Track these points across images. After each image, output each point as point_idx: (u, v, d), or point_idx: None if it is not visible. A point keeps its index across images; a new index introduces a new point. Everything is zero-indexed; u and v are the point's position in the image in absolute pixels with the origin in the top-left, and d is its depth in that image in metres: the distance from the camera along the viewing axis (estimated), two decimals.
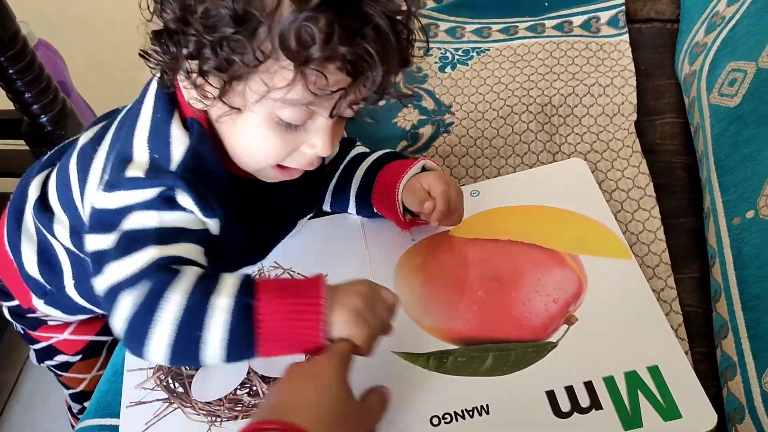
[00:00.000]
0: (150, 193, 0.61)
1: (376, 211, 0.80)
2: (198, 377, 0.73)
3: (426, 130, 0.93)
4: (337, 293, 0.59)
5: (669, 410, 0.64)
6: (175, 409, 0.71)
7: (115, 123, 0.70)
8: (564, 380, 0.67)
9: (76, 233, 0.73)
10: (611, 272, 0.74)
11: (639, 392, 0.65)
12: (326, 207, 0.84)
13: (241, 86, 0.58)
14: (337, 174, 0.82)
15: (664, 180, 0.84)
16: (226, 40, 0.55)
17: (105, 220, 0.62)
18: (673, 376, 0.66)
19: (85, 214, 0.69)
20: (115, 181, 0.63)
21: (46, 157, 0.82)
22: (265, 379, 0.71)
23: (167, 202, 0.62)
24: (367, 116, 0.68)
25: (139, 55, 0.61)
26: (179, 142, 0.63)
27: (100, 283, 0.59)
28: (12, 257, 0.80)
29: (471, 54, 1.01)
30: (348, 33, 0.55)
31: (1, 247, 0.82)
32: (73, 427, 0.77)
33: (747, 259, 0.69)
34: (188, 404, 0.71)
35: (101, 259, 0.60)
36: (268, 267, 0.80)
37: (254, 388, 0.71)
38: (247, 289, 0.58)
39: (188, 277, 0.58)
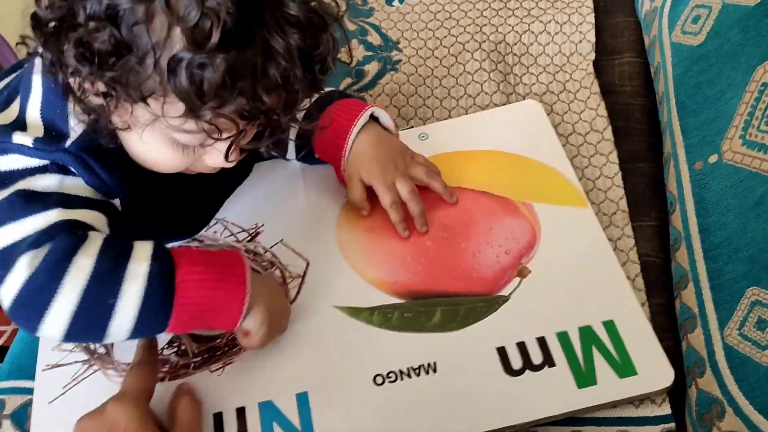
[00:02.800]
0: (42, 162, 0.56)
1: (317, 157, 0.74)
2: None
3: (372, 67, 0.87)
4: (258, 282, 0.57)
5: (624, 367, 0.61)
6: (96, 371, 0.65)
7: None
8: (516, 336, 0.63)
9: None
10: (566, 221, 0.70)
11: (594, 348, 0.62)
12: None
13: (128, 107, 0.51)
14: None
15: (622, 123, 0.79)
16: (108, 68, 0.48)
17: None
18: (629, 331, 0.63)
19: None
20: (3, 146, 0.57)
21: None
22: (195, 338, 0.65)
23: (64, 170, 0.56)
24: None
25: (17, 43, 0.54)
26: (76, 122, 0.57)
27: None
28: None
29: None
30: (246, 81, 0.49)
31: None
32: None
33: (709, 206, 0.65)
34: (110, 366, 0.65)
35: None
36: None
37: (182, 347, 0.65)
38: (165, 255, 0.54)
39: (97, 241, 0.53)
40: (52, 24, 0.50)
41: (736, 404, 0.56)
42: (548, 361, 0.61)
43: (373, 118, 0.72)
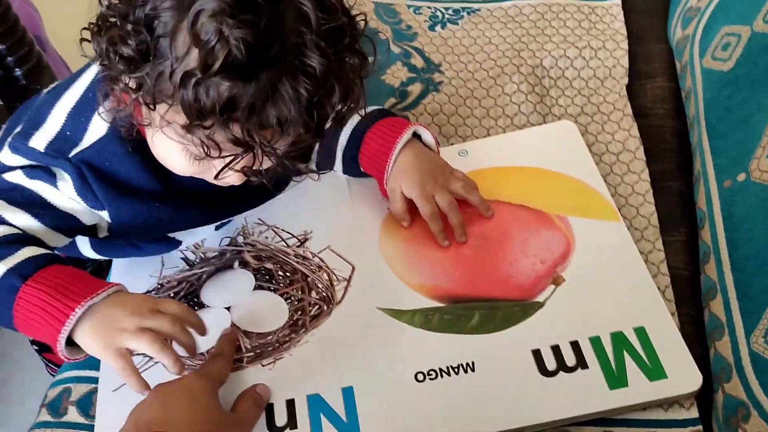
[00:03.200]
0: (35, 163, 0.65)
1: (363, 171, 0.78)
2: None
3: (415, 88, 0.91)
4: (102, 307, 0.59)
5: (654, 371, 0.64)
6: (155, 363, 0.69)
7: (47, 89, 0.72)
8: (550, 339, 0.66)
9: None
10: (599, 234, 0.74)
11: (625, 352, 0.65)
12: (312, 167, 0.82)
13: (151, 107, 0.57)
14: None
15: (653, 144, 0.83)
16: (133, 68, 0.54)
17: None
18: (659, 337, 0.65)
19: None
20: (18, 145, 0.66)
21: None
22: (248, 334, 0.70)
23: (46, 172, 0.65)
24: None
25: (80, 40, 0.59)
26: (95, 132, 0.65)
27: None
28: None
29: (461, 13, 0.99)
30: (243, 113, 0.52)
31: None
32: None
33: (737, 221, 0.69)
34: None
35: None
36: (252, 223, 0.79)
37: (237, 342, 0.69)
38: (27, 269, 0.59)
39: None
40: (107, 20, 0.56)
41: (761, 407, 0.58)
42: (581, 363, 0.64)
43: (416, 136, 0.77)
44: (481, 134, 0.86)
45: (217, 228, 0.79)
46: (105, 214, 0.68)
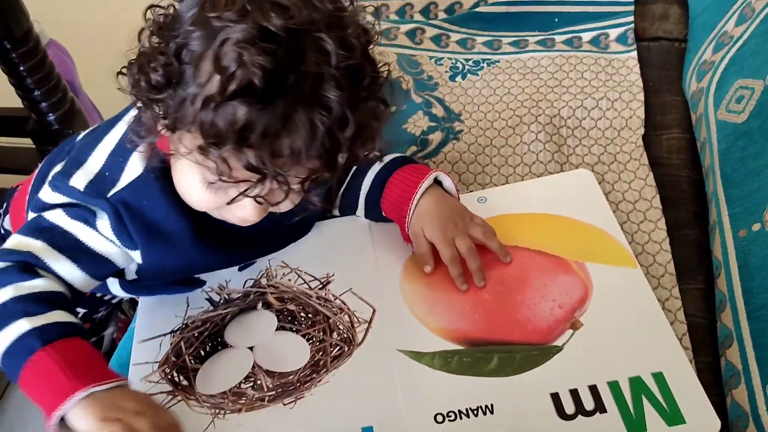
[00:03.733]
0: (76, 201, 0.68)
1: (384, 215, 0.81)
2: (202, 371, 0.73)
3: (435, 137, 0.94)
4: (103, 398, 0.58)
5: (673, 416, 0.64)
6: (179, 401, 0.71)
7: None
8: (569, 383, 0.67)
9: None
10: (616, 280, 0.75)
11: (643, 397, 0.65)
12: (335, 211, 0.85)
13: (175, 134, 0.60)
14: (348, 178, 0.82)
15: (669, 193, 0.84)
16: (157, 92, 0.58)
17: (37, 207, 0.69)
18: (677, 382, 0.66)
19: None
20: (59, 183, 0.69)
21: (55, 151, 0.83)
22: (270, 374, 0.71)
23: (86, 211, 0.68)
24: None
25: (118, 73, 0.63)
26: (132, 172, 0.68)
27: None
28: None
29: (481, 65, 1.02)
30: (257, 139, 0.55)
31: None
32: None
33: (753, 270, 0.70)
34: (192, 397, 0.71)
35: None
36: (275, 266, 0.81)
37: (258, 381, 0.71)
38: (49, 335, 0.60)
39: (31, 286, 0.63)
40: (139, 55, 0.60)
41: None
42: (600, 407, 0.65)
43: (437, 182, 0.79)
44: (500, 182, 0.88)
45: (240, 269, 0.81)
46: (137, 255, 0.70)
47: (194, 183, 0.62)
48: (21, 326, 0.60)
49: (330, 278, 0.79)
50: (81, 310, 0.91)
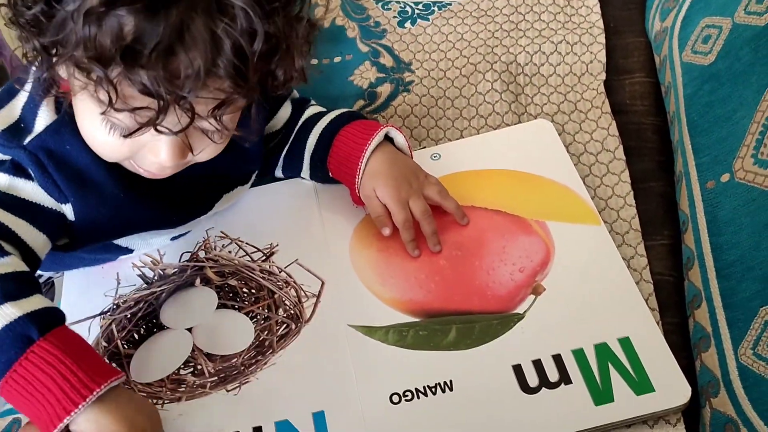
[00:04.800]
0: (4, 157, 0.59)
1: (331, 176, 0.75)
2: (137, 357, 0.67)
3: (384, 89, 0.87)
4: (117, 401, 0.52)
5: (641, 384, 0.61)
6: None
7: None
8: (531, 354, 0.63)
9: None
10: (580, 239, 0.71)
11: (610, 365, 0.62)
12: (278, 172, 0.78)
13: (65, 68, 0.52)
14: (291, 137, 0.76)
15: (633, 142, 0.80)
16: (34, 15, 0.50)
17: None
18: (645, 348, 0.63)
19: None
20: None
21: None
22: (211, 357, 0.66)
23: (20, 170, 0.59)
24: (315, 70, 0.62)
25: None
26: (46, 117, 0.60)
27: None
28: None
29: (432, 8, 0.95)
30: (154, 51, 0.47)
31: None
32: None
33: (722, 225, 0.66)
34: (126, 386, 0.65)
35: None
36: (214, 237, 0.74)
37: (199, 366, 0.65)
38: (44, 321, 0.52)
39: (3, 265, 0.54)
40: None
41: (751, 425, 0.55)
42: (564, 378, 0.61)
43: (388, 139, 0.73)
44: (454, 136, 0.83)
45: (173, 238, 0.74)
46: (69, 210, 0.62)
47: (94, 123, 0.55)
48: (7, 312, 0.52)
49: (274, 249, 0.73)
50: None
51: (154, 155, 0.57)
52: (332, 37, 0.93)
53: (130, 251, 0.72)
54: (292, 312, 0.68)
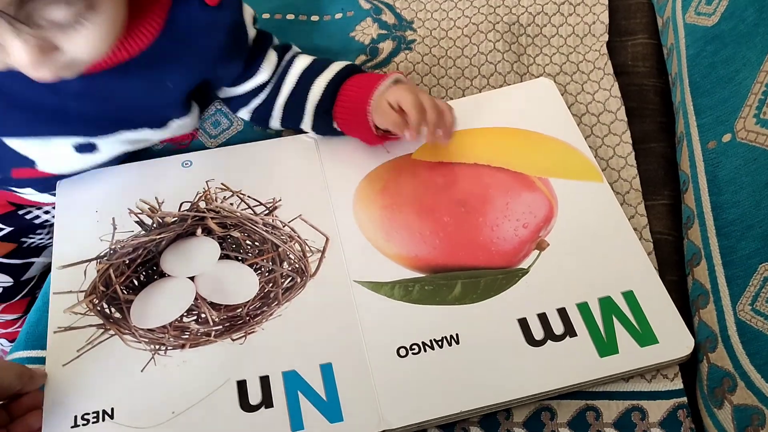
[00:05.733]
0: None
1: (336, 127, 0.74)
2: (138, 302, 0.66)
3: (386, 45, 0.86)
4: None
5: (645, 336, 0.62)
6: (112, 335, 0.64)
7: None
8: (536, 307, 0.64)
9: None
10: (583, 195, 0.71)
11: (614, 318, 0.63)
12: (275, 124, 0.78)
13: None
14: (288, 88, 0.75)
15: (635, 103, 0.80)
16: None
17: None
18: (649, 300, 0.64)
19: None
20: None
21: None
22: (215, 306, 0.65)
23: None
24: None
25: None
26: None
27: None
28: None
29: None
30: None
31: None
32: None
33: (722, 184, 0.66)
34: (127, 331, 0.64)
35: None
36: (215, 188, 0.74)
37: (203, 315, 0.65)
38: None
39: None
40: None
41: (748, 378, 0.57)
42: (570, 331, 0.62)
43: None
44: (456, 95, 0.82)
45: (79, 149, 0.71)
46: None
47: None
48: None
49: (277, 204, 0.73)
50: (4, 227, 0.84)
51: (5, 56, 0.52)
52: None
53: (31, 162, 0.70)
54: (297, 266, 0.68)
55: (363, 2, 0.91)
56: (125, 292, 0.67)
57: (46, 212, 0.86)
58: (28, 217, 0.85)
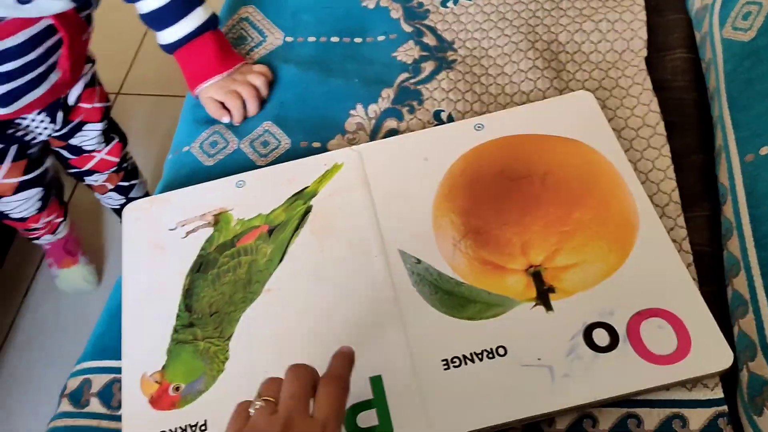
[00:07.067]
0: None
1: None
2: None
3: (428, 65, 0.90)
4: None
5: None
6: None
7: None
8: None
9: None
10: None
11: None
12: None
13: None
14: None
15: (675, 117, 0.81)
16: None
17: None
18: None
19: None
20: None
21: None
22: None
23: None
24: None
25: None
26: None
27: None
28: None
29: None
30: None
31: None
32: None
33: (760, 196, 0.68)
34: None
35: None
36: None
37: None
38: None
39: None
40: None
41: None
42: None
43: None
44: (497, 111, 0.84)
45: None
46: None
47: None
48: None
49: None
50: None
51: None
52: (376, 18, 0.96)
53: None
54: None
55: (405, 25, 0.94)
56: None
57: (23, 119, 1.01)
58: (18, 134, 1.02)
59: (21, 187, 1.12)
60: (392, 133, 0.84)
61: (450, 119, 0.84)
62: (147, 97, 1.66)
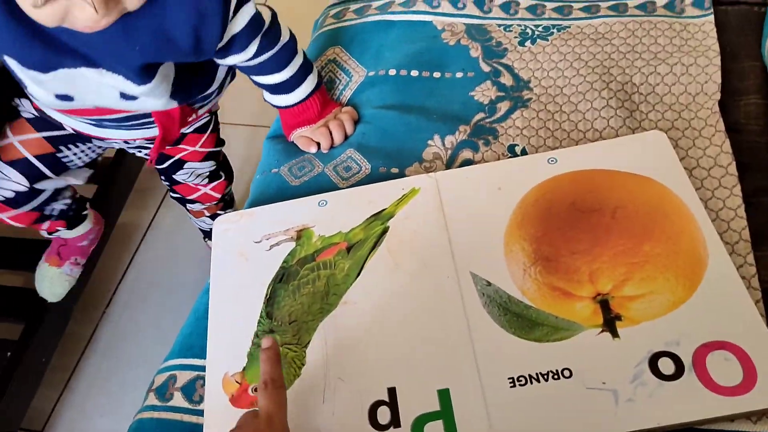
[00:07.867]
0: None
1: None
2: None
3: (504, 105, 0.94)
4: None
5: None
6: None
7: None
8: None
9: None
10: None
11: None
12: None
13: None
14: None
15: (747, 159, 0.83)
16: None
17: None
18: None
19: None
20: None
21: None
22: None
23: None
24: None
25: None
26: None
27: None
28: None
29: (551, 30, 1.01)
30: None
31: None
32: None
33: None
34: None
35: None
36: None
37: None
38: None
39: None
40: None
41: None
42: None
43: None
44: (570, 146, 0.88)
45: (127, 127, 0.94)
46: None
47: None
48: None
49: None
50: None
51: (82, 14, 0.66)
52: (456, 55, 1.01)
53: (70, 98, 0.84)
54: None
55: (483, 65, 0.99)
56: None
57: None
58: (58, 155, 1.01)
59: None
60: (467, 163, 0.88)
61: (524, 153, 0.88)
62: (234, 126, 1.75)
